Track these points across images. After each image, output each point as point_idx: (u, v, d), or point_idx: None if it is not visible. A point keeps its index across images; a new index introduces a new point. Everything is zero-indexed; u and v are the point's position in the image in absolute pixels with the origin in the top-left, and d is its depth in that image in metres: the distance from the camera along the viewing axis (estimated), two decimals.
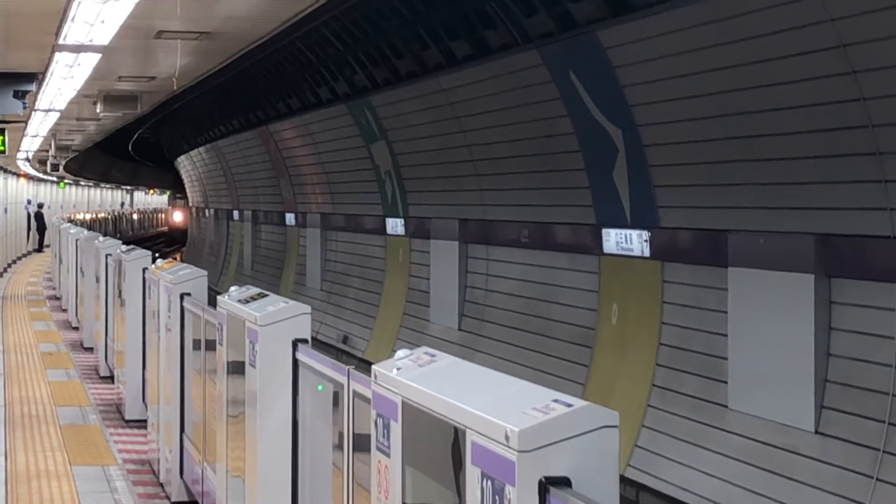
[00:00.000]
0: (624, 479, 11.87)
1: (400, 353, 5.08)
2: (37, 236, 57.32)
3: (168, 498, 11.36)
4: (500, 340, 16.12)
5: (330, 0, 14.16)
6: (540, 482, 3.63)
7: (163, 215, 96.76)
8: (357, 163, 21.76)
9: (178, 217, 76.41)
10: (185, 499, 11.14)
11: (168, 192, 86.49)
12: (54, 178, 61.17)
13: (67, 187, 72.05)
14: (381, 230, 21.11)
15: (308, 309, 7.45)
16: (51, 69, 16.38)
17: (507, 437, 3.71)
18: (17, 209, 51.58)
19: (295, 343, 7.21)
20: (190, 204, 51.39)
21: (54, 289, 33.50)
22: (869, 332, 9.47)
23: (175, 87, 19.64)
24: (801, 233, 10.00)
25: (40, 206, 58.34)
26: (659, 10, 11.00)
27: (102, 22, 12.59)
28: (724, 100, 10.68)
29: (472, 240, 17.20)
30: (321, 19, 17.73)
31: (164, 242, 69.77)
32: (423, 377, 4.67)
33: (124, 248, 16.61)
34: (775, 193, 10.34)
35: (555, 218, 14.61)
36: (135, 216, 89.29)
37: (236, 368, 8.19)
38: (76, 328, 24.04)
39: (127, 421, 14.90)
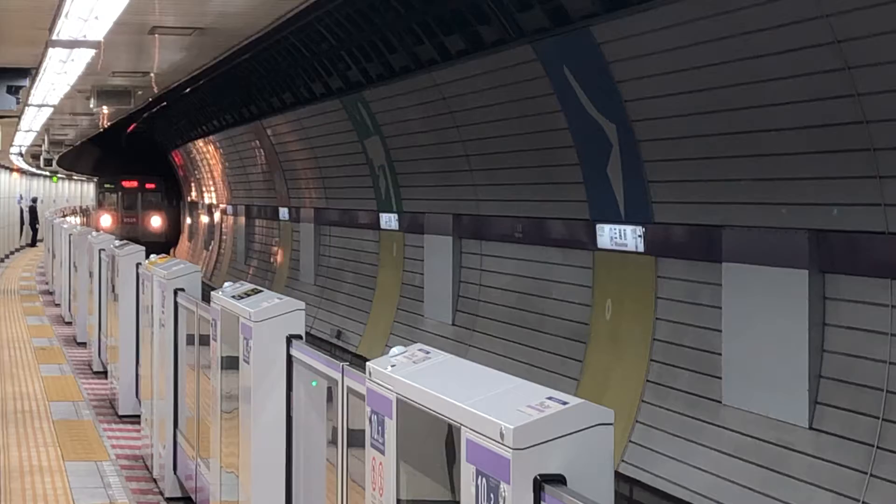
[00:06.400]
0: (617, 475, 11.86)
1: (394, 350, 5.07)
2: (30, 231, 57.20)
3: (161, 493, 11.36)
4: (493, 336, 16.11)
5: None
6: (535, 479, 3.63)
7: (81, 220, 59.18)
8: (351, 157, 21.73)
9: (106, 222, 49.15)
10: (179, 494, 11.15)
11: (95, 181, 55.68)
12: (47, 173, 61.07)
13: (60, 182, 71.93)
14: (375, 225, 21.09)
15: (302, 305, 7.46)
16: (44, 64, 16.37)
17: (501, 435, 3.71)
18: (9, 204, 51.50)
19: (289, 339, 7.22)
20: (192, 198, 45.69)
21: (47, 283, 33.46)
22: (863, 327, 9.47)
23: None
24: (796, 228, 9.99)
25: (34, 200, 58.19)
26: (653, 5, 10.98)
27: (96, 18, 12.58)
28: (718, 95, 10.67)
29: (466, 235, 17.18)
30: (314, 14, 17.72)
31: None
32: (417, 374, 4.67)
33: (117, 243, 16.59)
34: (769, 189, 10.34)
35: (549, 213, 14.60)
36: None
37: (230, 364, 8.19)
38: (69, 323, 24.02)
39: (120, 416, 14.90)
